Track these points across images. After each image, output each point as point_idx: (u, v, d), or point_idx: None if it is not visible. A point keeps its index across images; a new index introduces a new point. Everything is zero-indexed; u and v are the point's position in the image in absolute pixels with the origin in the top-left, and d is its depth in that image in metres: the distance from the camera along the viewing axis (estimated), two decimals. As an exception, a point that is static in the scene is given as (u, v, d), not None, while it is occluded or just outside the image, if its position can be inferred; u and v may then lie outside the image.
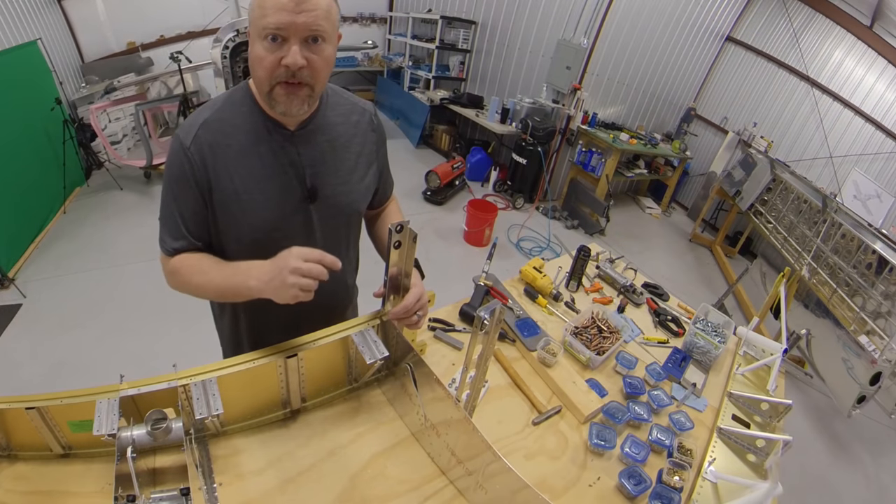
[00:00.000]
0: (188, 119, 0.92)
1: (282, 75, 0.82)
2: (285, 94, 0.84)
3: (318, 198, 0.98)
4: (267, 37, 0.80)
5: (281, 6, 0.78)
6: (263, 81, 0.84)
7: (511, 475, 0.76)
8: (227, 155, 0.90)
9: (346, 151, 1.01)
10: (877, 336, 2.44)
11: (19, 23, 3.81)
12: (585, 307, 1.49)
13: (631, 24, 4.76)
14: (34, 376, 2.35)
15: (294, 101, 0.86)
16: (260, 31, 0.80)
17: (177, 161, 0.90)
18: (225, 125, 0.90)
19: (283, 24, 0.78)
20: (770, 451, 1.07)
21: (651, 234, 5.36)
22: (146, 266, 3.27)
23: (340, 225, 1.07)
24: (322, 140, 0.97)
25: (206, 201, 0.92)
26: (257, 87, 0.89)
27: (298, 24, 0.79)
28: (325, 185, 0.98)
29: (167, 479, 0.83)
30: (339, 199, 1.02)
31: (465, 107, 5.56)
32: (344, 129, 1.01)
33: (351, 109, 1.03)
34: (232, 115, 0.91)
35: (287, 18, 0.78)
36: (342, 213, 1.05)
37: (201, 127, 0.89)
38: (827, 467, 2.67)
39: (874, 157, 4.60)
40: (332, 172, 0.99)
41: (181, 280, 0.95)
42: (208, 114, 0.91)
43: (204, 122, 0.90)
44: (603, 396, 1.20)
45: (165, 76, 4.80)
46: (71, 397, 0.82)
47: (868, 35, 4.53)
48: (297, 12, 0.78)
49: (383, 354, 0.96)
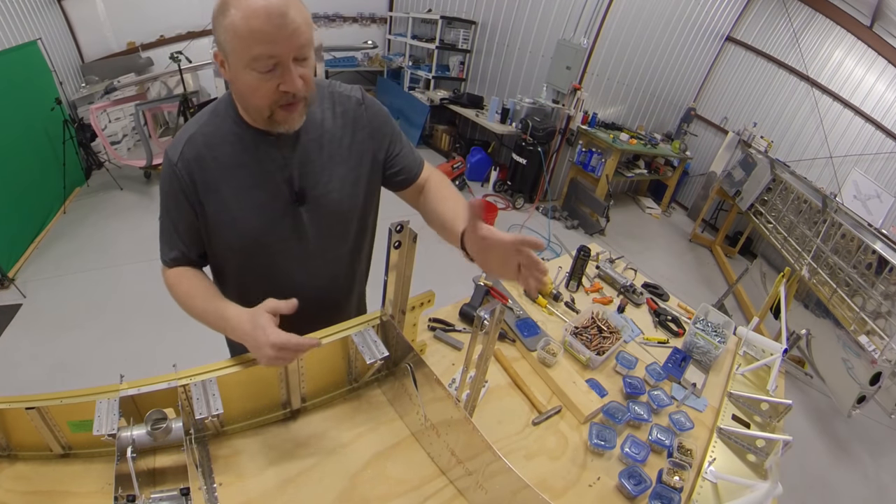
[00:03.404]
0: (177, 135, 0.93)
1: (282, 100, 0.82)
2: (286, 114, 0.85)
3: (306, 199, 0.96)
4: (257, 66, 0.78)
5: (267, 35, 0.74)
6: (262, 108, 0.83)
7: (511, 475, 0.76)
8: (212, 168, 0.91)
9: (333, 145, 0.98)
10: (877, 336, 2.44)
11: (19, 23, 3.81)
12: (585, 307, 1.49)
13: (631, 24, 4.77)
14: (34, 376, 2.35)
15: (294, 117, 0.86)
16: (248, 62, 0.77)
17: (167, 177, 0.92)
18: (210, 139, 0.91)
19: (276, 52, 0.76)
20: (770, 451, 1.07)
21: (651, 234, 5.36)
22: (146, 266, 3.27)
23: (337, 223, 1.04)
24: (307, 139, 0.94)
25: (198, 214, 0.94)
26: (253, 113, 0.88)
27: (289, 46, 0.77)
28: (314, 185, 0.96)
29: (167, 479, 0.83)
30: (330, 197, 0.98)
31: (465, 107, 5.56)
32: (329, 123, 0.97)
33: (334, 101, 0.99)
34: (216, 128, 0.91)
35: (278, 46, 0.76)
36: (336, 211, 1.01)
37: (187, 143, 0.90)
38: (827, 467, 2.67)
39: (874, 157, 4.60)
40: (320, 171, 0.96)
41: (175, 296, 0.98)
42: (193, 129, 0.91)
43: (189, 137, 0.90)
44: (603, 396, 1.20)
45: (165, 76, 4.80)
46: (71, 397, 0.82)
47: (868, 35, 4.53)
48: (286, 37, 0.76)
49: (383, 354, 0.96)
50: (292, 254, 1.01)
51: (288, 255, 1.01)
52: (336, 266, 1.10)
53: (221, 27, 0.77)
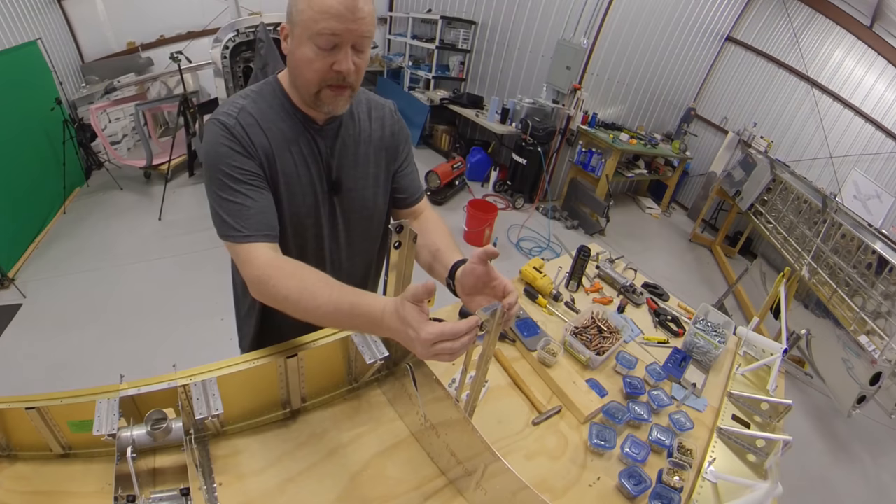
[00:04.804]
0: (222, 107, 0.92)
1: (332, 79, 0.85)
2: (333, 95, 0.88)
3: (341, 190, 1.02)
4: (319, 41, 0.81)
5: (338, 13, 0.79)
6: (312, 83, 0.86)
7: (510, 475, 0.76)
8: (268, 138, 0.92)
9: (367, 146, 1.04)
10: (877, 336, 2.44)
11: (19, 23, 3.81)
12: (585, 307, 1.49)
13: (631, 24, 4.77)
14: (34, 376, 2.35)
15: (340, 101, 0.90)
16: (312, 35, 0.81)
17: (221, 139, 0.87)
18: (262, 114, 0.92)
19: (339, 31, 0.81)
20: (770, 452, 1.07)
21: (651, 234, 5.36)
22: (146, 266, 3.27)
23: (363, 219, 1.09)
24: (346, 134, 1.00)
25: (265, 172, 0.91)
26: (301, 88, 0.90)
27: (353, 31, 0.81)
28: (347, 178, 1.02)
29: (167, 479, 0.83)
30: (361, 193, 1.05)
31: (465, 107, 5.56)
32: (366, 124, 1.04)
33: (370, 106, 1.07)
34: (267, 106, 0.93)
35: (343, 26, 0.80)
36: (364, 207, 1.07)
37: (241, 111, 0.90)
38: (827, 467, 2.67)
39: (874, 157, 4.60)
40: (353, 165, 1.02)
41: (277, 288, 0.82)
42: (245, 102, 0.92)
43: (242, 108, 0.91)
44: (603, 396, 1.20)
45: (165, 76, 4.80)
46: (71, 397, 0.82)
47: (868, 35, 4.53)
48: (352, 20, 0.80)
49: (383, 354, 0.96)
50: (324, 241, 1.05)
51: (320, 242, 1.05)
52: (359, 262, 1.15)
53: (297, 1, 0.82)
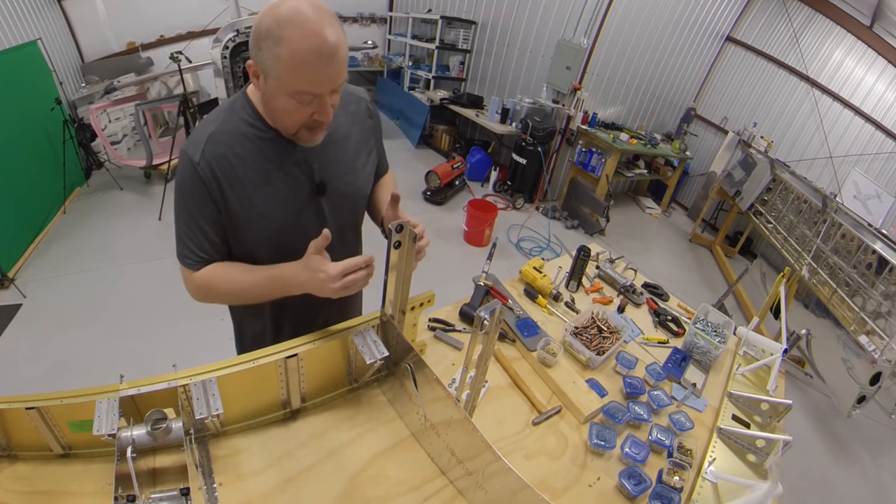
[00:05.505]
0: (193, 134, 0.94)
1: (311, 123, 0.89)
2: (311, 135, 0.91)
3: (327, 191, 1.03)
4: (300, 98, 0.83)
5: (315, 78, 0.80)
6: (290, 128, 0.90)
7: (511, 475, 0.76)
8: (236, 165, 0.92)
9: (346, 142, 1.06)
10: (877, 336, 2.44)
11: (19, 23, 3.81)
12: (585, 307, 1.49)
13: (631, 24, 4.76)
14: (34, 376, 2.35)
15: (317, 135, 0.93)
16: (292, 93, 0.82)
17: (188, 177, 0.92)
18: (230, 136, 0.93)
19: (319, 92, 0.83)
20: (770, 451, 1.07)
21: (651, 234, 5.36)
22: (146, 266, 3.27)
23: (351, 210, 1.12)
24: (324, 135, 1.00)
25: (221, 211, 0.95)
26: (279, 127, 0.93)
27: (332, 83, 0.83)
28: (332, 178, 1.03)
29: (167, 479, 0.83)
30: (347, 189, 1.07)
31: (465, 107, 5.56)
32: (343, 119, 1.04)
33: (347, 100, 1.07)
34: (235, 126, 0.93)
35: (321, 87, 0.82)
36: (351, 201, 1.10)
37: (208, 141, 0.91)
38: (827, 467, 2.67)
39: (874, 157, 4.60)
40: (336, 164, 1.04)
41: (209, 291, 0.99)
42: (213, 127, 0.92)
43: (210, 135, 0.91)
44: (603, 396, 1.20)
45: (165, 76, 4.79)
46: (71, 397, 0.82)
47: (868, 35, 4.53)
48: (329, 77, 0.82)
49: (383, 354, 0.96)
50: None
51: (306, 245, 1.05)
52: (349, 250, 1.17)
53: (269, 53, 0.79)
